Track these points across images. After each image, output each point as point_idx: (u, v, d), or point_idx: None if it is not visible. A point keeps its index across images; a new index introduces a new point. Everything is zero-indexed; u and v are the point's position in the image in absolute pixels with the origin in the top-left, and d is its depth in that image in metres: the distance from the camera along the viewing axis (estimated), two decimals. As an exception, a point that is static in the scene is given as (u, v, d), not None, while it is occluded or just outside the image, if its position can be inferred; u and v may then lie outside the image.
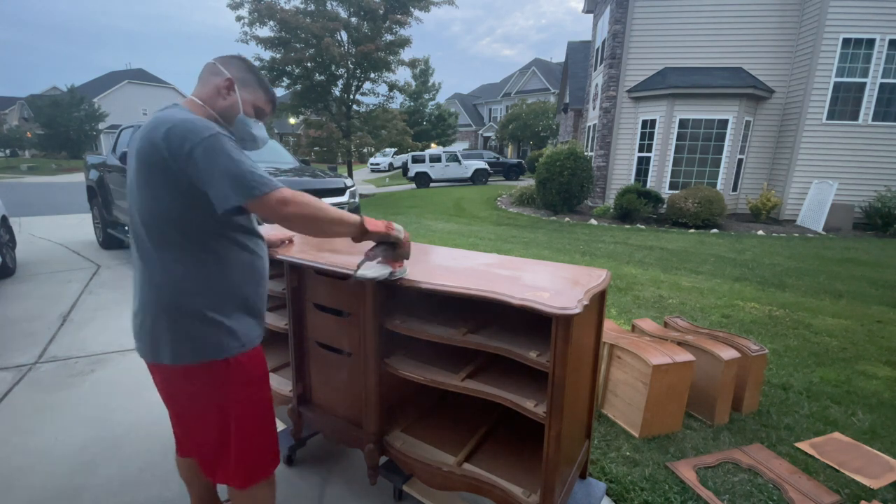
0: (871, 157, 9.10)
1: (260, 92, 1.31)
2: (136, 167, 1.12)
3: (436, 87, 31.48)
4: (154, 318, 1.16)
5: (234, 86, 1.25)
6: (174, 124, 1.06)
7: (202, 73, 1.27)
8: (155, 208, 1.11)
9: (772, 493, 1.83)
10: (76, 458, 2.00)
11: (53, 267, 5.21)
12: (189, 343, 1.16)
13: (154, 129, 1.08)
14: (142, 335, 1.19)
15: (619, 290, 4.53)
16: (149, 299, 1.16)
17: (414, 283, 1.38)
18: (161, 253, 1.14)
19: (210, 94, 1.24)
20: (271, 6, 12.05)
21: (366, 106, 14.83)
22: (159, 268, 1.14)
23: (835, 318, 3.91)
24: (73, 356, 3.00)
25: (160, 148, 1.05)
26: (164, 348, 1.16)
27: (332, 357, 1.71)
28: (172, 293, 1.15)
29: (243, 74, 1.28)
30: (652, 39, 10.06)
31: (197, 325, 1.16)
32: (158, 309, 1.15)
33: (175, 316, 1.15)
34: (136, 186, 1.13)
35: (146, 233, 1.14)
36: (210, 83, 1.25)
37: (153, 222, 1.13)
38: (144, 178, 1.10)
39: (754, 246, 7.17)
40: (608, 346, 2.37)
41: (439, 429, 1.70)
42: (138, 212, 1.14)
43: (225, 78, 1.24)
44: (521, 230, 8.29)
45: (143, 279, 1.17)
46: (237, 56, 1.31)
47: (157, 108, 1.21)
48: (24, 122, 39.03)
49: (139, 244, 1.17)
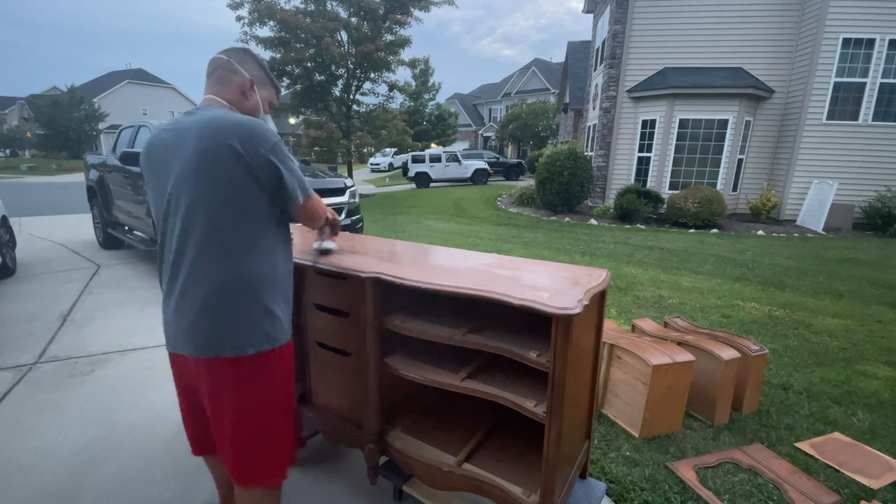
0: (871, 157, 9.09)
1: (272, 88, 1.38)
2: (202, 167, 1.11)
3: (436, 87, 31.47)
4: (217, 311, 1.15)
5: (254, 86, 1.31)
6: (244, 126, 1.12)
7: (216, 71, 1.27)
8: (222, 205, 1.13)
9: (772, 493, 1.83)
10: (76, 458, 2.00)
11: (53, 267, 5.21)
12: (252, 334, 1.18)
13: (219, 130, 1.11)
14: (195, 330, 1.16)
15: (619, 290, 4.53)
16: (209, 293, 1.15)
17: (414, 283, 1.38)
18: (222, 248, 1.15)
19: (235, 96, 1.28)
20: (271, 6, 12.05)
21: (366, 106, 14.83)
22: (221, 262, 1.15)
23: (835, 318, 3.91)
24: (73, 356, 3.00)
25: (234, 149, 1.10)
26: (226, 341, 1.16)
27: (332, 357, 1.71)
28: (236, 286, 1.16)
29: (258, 72, 1.33)
30: (652, 39, 10.06)
31: (260, 316, 1.19)
32: (222, 302, 1.15)
33: (240, 307, 1.17)
34: (199, 185, 1.12)
35: (205, 228, 1.13)
36: (232, 84, 1.28)
37: (217, 217, 1.13)
38: (213, 177, 1.11)
39: (754, 246, 7.17)
40: (608, 346, 2.37)
41: (439, 429, 1.70)
42: (202, 206, 1.13)
43: (247, 79, 1.29)
44: (521, 230, 8.29)
45: (199, 274, 1.15)
46: (246, 51, 1.34)
47: (179, 116, 1.23)
48: (24, 122, 39.02)
49: (191, 240, 1.14)
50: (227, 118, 1.14)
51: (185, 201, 1.13)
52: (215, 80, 1.27)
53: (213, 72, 1.27)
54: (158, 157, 1.19)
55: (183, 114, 1.23)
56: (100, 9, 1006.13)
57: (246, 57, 1.31)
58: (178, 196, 1.14)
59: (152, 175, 1.21)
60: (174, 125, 1.19)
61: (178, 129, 1.16)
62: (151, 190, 1.23)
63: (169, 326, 1.22)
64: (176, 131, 1.16)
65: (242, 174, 1.12)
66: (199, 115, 1.17)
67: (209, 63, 1.29)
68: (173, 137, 1.16)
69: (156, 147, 1.20)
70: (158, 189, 1.19)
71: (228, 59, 1.27)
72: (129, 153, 4.48)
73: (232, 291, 1.16)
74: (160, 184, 1.18)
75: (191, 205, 1.13)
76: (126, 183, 5.04)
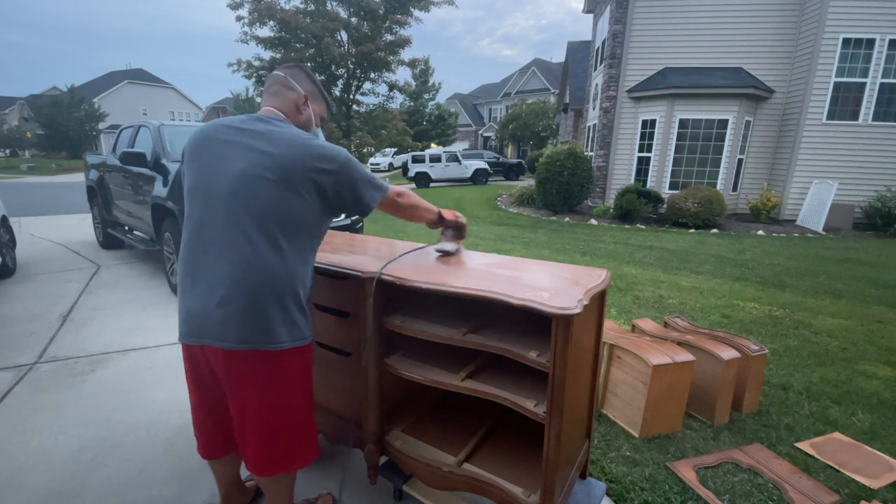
0: (871, 157, 9.10)
1: (323, 104, 1.47)
2: (274, 171, 1.18)
3: (436, 87, 31.50)
4: (263, 307, 1.20)
5: (308, 101, 1.39)
6: (318, 147, 1.23)
7: (273, 86, 1.36)
8: (285, 208, 1.20)
9: (772, 493, 1.83)
10: (76, 458, 2.00)
11: (53, 267, 5.21)
12: (291, 330, 1.25)
13: (296, 145, 1.21)
14: (237, 322, 1.18)
15: (619, 290, 4.53)
16: (256, 289, 1.19)
17: (414, 283, 1.38)
18: (276, 244, 1.21)
19: (290, 110, 1.36)
20: (271, 6, 12.07)
21: (366, 106, 14.86)
22: (275, 258, 1.20)
23: (835, 318, 3.91)
24: (73, 356, 3.00)
25: (308, 163, 1.20)
26: (268, 335, 1.21)
27: (332, 357, 1.71)
28: (282, 284, 1.22)
29: (311, 87, 1.41)
30: (652, 39, 10.06)
31: (297, 314, 1.27)
32: (266, 296, 1.20)
33: (284, 304, 1.23)
34: (267, 185, 1.18)
35: (265, 225, 1.19)
36: (288, 98, 1.36)
37: (277, 218, 1.20)
38: (285, 183, 1.19)
39: (754, 246, 7.17)
40: (608, 346, 2.37)
41: (439, 429, 1.70)
42: (270, 207, 1.19)
43: (302, 95, 1.38)
44: (521, 230, 8.29)
45: (247, 270, 1.18)
46: (301, 67, 1.42)
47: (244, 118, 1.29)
48: (24, 122, 38.98)
49: (242, 232, 1.18)
50: (308, 141, 1.23)
51: (247, 198, 1.18)
52: (273, 94, 1.36)
53: (270, 86, 1.36)
54: (220, 148, 1.24)
55: (249, 117, 1.29)
56: (100, 9, 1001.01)
57: (300, 73, 1.40)
58: (239, 191, 1.19)
59: (206, 161, 1.25)
60: (242, 125, 1.26)
61: (251, 130, 1.24)
62: (199, 173, 1.26)
63: (196, 317, 1.22)
64: (247, 132, 1.24)
65: (311, 191, 1.22)
66: (273, 125, 1.26)
67: (266, 78, 1.40)
68: (243, 136, 1.23)
69: (216, 139, 1.26)
70: (210, 176, 1.23)
71: (285, 76, 1.36)
72: (130, 153, 4.48)
73: (278, 289, 1.22)
74: (214, 173, 1.22)
75: (254, 203, 1.18)
76: (126, 183, 5.03)
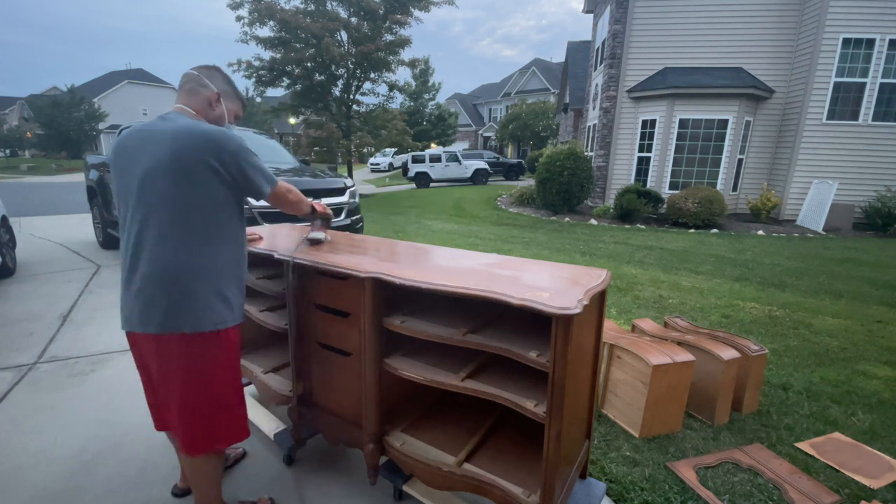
0: (871, 157, 9.09)
1: (238, 102, 1.55)
2: (173, 169, 1.26)
3: (436, 87, 31.44)
4: (177, 293, 1.29)
5: (221, 98, 1.47)
6: (212, 135, 1.30)
7: (187, 84, 1.44)
8: (184, 198, 1.28)
9: (772, 493, 1.83)
10: (76, 458, 2.00)
11: (53, 267, 5.21)
12: (208, 314, 1.33)
13: (192, 137, 1.28)
14: (155, 309, 1.29)
15: (619, 290, 4.53)
16: (169, 278, 1.29)
17: (414, 283, 1.38)
18: (184, 235, 1.29)
19: (203, 106, 1.44)
20: (271, 6, 12.04)
21: (366, 106, 14.83)
22: (183, 248, 1.29)
23: (835, 318, 3.91)
24: (73, 356, 3.00)
25: (204, 154, 1.28)
26: (184, 319, 1.30)
27: (332, 357, 1.71)
28: (193, 271, 1.31)
29: (225, 87, 1.49)
30: (652, 39, 10.06)
31: (214, 299, 1.35)
32: (181, 285, 1.29)
33: (197, 290, 1.32)
34: (167, 183, 1.27)
35: (170, 218, 1.28)
36: (200, 95, 1.44)
37: (179, 209, 1.28)
38: (180, 174, 1.27)
39: (754, 246, 7.17)
40: (608, 346, 2.37)
41: (439, 429, 1.70)
42: (169, 201, 1.27)
43: (214, 92, 1.45)
44: (521, 230, 8.29)
45: (160, 261, 1.29)
46: (216, 68, 1.51)
47: (157, 115, 1.39)
48: (24, 122, 38.97)
49: (152, 228, 1.28)
50: (198, 128, 1.30)
51: (151, 196, 1.27)
52: (186, 92, 1.43)
53: (183, 84, 1.44)
54: (130, 154, 1.32)
55: (157, 118, 1.37)
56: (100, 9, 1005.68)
57: (215, 73, 1.48)
58: (144, 190, 1.28)
59: (121, 168, 1.34)
60: (148, 127, 1.34)
61: (153, 131, 1.31)
62: (118, 179, 1.36)
63: (126, 307, 1.34)
64: (150, 133, 1.31)
65: (209, 176, 1.30)
66: (173, 121, 1.33)
67: (181, 77, 1.48)
68: (147, 138, 1.31)
69: (127, 146, 1.34)
70: (125, 181, 1.33)
71: (198, 75, 1.44)
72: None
73: (189, 276, 1.30)
74: (127, 177, 1.32)
75: (157, 199, 1.27)
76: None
